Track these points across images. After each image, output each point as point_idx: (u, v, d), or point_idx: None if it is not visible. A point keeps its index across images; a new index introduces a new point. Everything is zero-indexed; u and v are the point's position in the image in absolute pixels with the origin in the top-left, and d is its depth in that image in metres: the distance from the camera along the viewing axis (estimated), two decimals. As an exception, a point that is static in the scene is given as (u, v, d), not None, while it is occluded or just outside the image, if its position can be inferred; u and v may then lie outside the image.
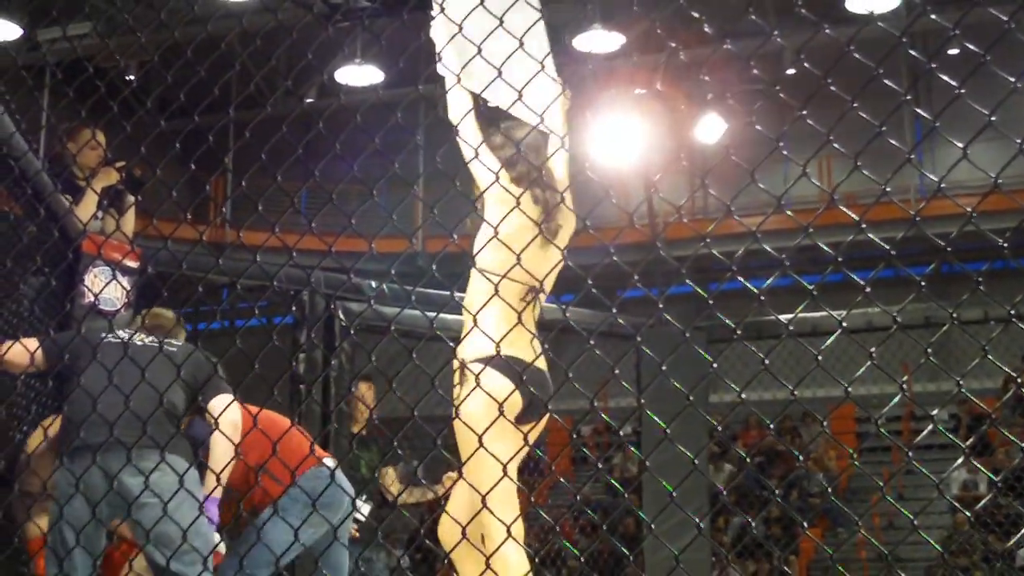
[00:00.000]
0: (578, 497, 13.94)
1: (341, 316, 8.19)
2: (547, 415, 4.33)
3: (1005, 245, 2.46)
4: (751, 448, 18.01)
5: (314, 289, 8.03)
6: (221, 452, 5.13)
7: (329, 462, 5.95)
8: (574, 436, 15.35)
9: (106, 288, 6.10)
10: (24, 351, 5.14)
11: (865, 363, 2.87)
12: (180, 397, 5.13)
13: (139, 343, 5.10)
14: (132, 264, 6.35)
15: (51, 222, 5.64)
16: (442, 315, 5.07)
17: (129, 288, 6.30)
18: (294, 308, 8.03)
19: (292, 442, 5.35)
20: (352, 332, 8.16)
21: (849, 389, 2.68)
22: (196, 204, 21.05)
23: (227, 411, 5.09)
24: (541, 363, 4.28)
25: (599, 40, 19.02)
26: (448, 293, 3.80)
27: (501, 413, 3.58)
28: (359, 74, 20.63)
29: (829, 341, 2.85)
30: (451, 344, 4.14)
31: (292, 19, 16.90)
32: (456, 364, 4.19)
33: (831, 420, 8.33)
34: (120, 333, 5.22)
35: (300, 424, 6.89)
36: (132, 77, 17.55)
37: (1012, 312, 2.45)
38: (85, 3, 4.30)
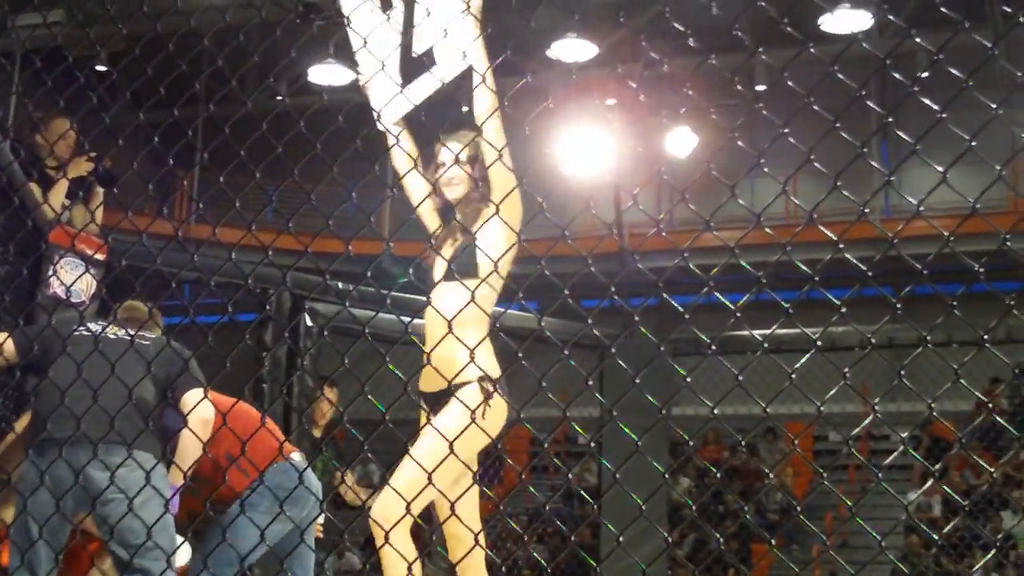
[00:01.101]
0: (547, 507, 13.94)
1: (307, 317, 8.19)
2: None
3: (981, 270, 2.48)
4: (716, 463, 18.07)
5: (283, 288, 8.02)
6: (189, 448, 5.10)
7: (296, 456, 5.93)
8: (543, 445, 15.33)
9: (71, 278, 6.06)
10: None
11: (825, 380, 2.88)
12: (150, 392, 5.10)
13: (112, 336, 5.08)
14: (99, 257, 6.31)
15: (21, 211, 5.60)
16: (413, 320, 5.11)
17: (96, 281, 6.26)
18: (267, 307, 8.03)
19: (262, 437, 5.31)
20: (324, 333, 8.16)
21: (822, 408, 2.69)
22: (162, 198, 20.93)
23: (198, 406, 5.06)
24: None
25: (573, 49, 19.06)
26: (419, 297, 3.80)
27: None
28: (332, 73, 20.60)
29: (803, 360, 2.85)
30: (423, 348, 4.19)
31: (270, 17, 16.89)
32: (472, 379, 4.35)
33: (790, 437, 8.35)
34: (92, 326, 5.18)
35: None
36: (103, 68, 17.43)
37: (986, 337, 2.47)
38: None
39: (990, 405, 11.32)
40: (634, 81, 19.05)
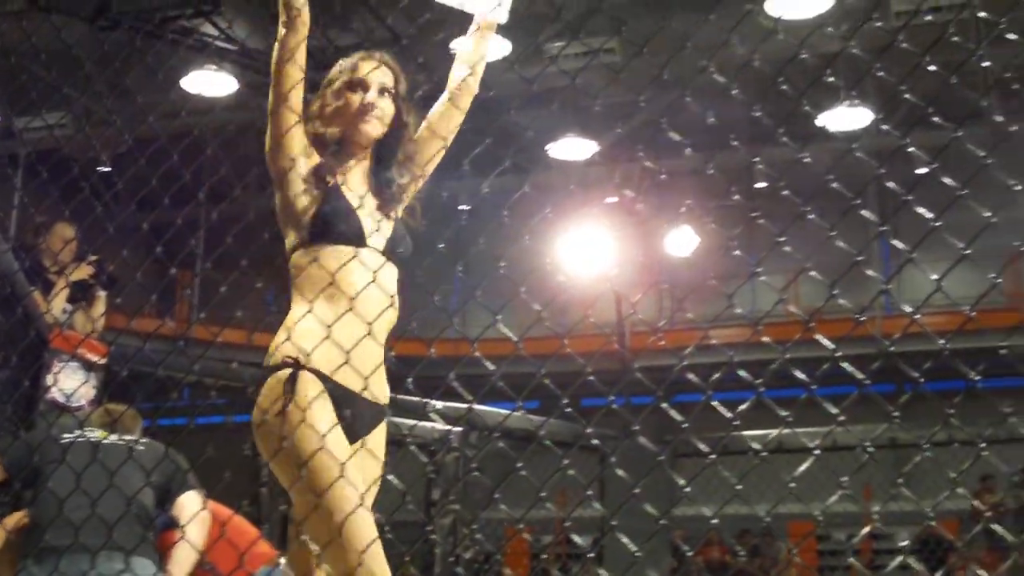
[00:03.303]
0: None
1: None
2: None
3: (977, 378, 2.49)
4: (720, 564, 17.89)
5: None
6: (184, 555, 5.08)
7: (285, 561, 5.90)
8: (543, 552, 15.23)
9: (71, 384, 6.05)
10: None
11: (826, 480, 2.88)
12: (149, 497, 5.10)
13: (106, 442, 5.07)
14: (99, 360, 6.31)
15: (24, 319, 5.62)
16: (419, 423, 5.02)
17: (96, 385, 6.26)
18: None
19: (252, 545, 5.31)
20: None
21: (824, 511, 2.69)
22: (163, 297, 21.00)
23: (193, 511, 5.06)
24: None
25: (573, 147, 19.21)
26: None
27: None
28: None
29: (804, 467, 2.85)
30: (426, 459, 4.12)
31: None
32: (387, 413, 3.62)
33: (793, 538, 8.34)
34: (87, 433, 5.18)
35: (262, 525, 6.83)
36: (107, 169, 17.55)
37: (983, 444, 2.47)
38: (60, 93, 4.32)
39: (989, 510, 11.25)
40: (634, 182, 19.19)
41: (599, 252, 16.56)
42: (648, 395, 3.17)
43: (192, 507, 5.13)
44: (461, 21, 3.97)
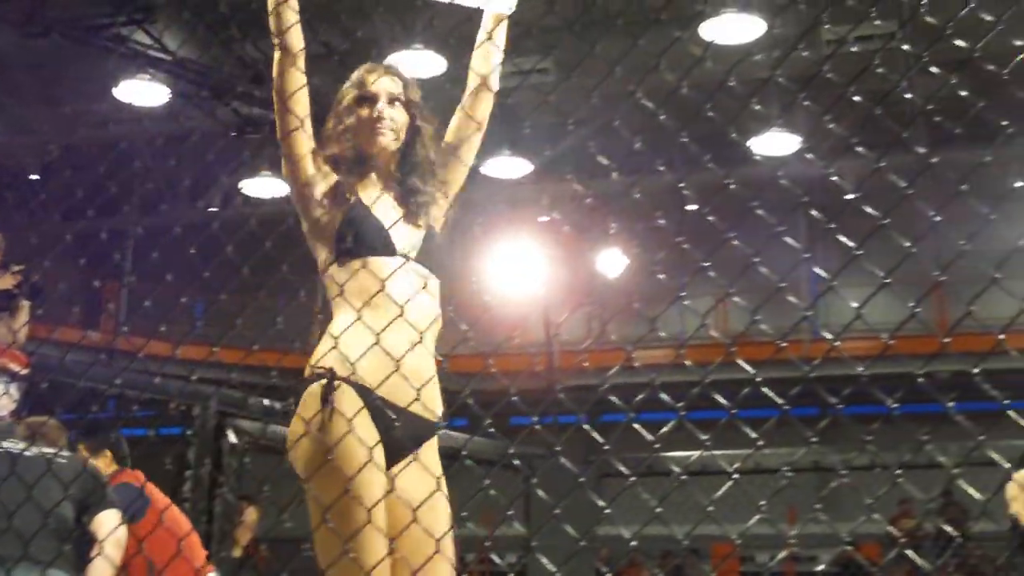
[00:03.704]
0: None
1: (231, 434, 8.06)
2: None
3: (894, 404, 2.52)
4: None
5: (208, 406, 7.91)
6: (100, 570, 5.04)
7: (213, 576, 5.91)
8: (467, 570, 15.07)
9: (-7, 395, 5.99)
10: None
11: (750, 501, 2.90)
12: (69, 511, 5.06)
13: (27, 455, 5.03)
14: (21, 370, 6.24)
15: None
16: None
17: (17, 396, 6.18)
18: (190, 429, 7.91)
19: (179, 559, 5.30)
20: (245, 449, 8.05)
21: (747, 531, 2.71)
22: (89, 308, 20.76)
23: (110, 529, 5.02)
24: None
25: (506, 166, 19.21)
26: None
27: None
28: (264, 185, 20.61)
29: (724, 489, 2.88)
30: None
31: (206, 127, 16.87)
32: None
33: (716, 559, 8.39)
34: (6, 444, 5.13)
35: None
36: (35, 177, 17.36)
37: (898, 471, 2.51)
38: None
39: (904, 536, 11.39)
40: (566, 202, 19.22)
41: (528, 271, 16.58)
42: (576, 414, 3.18)
43: (109, 525, 5.10)
44: (395, 37, 3.99)
